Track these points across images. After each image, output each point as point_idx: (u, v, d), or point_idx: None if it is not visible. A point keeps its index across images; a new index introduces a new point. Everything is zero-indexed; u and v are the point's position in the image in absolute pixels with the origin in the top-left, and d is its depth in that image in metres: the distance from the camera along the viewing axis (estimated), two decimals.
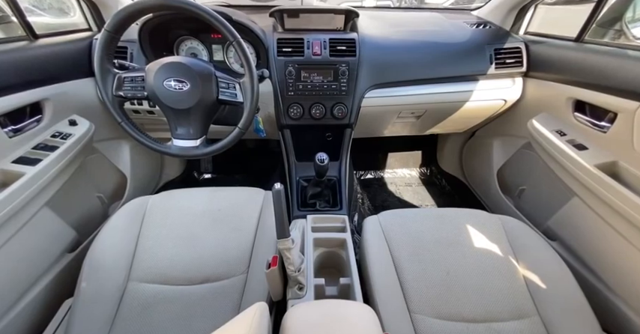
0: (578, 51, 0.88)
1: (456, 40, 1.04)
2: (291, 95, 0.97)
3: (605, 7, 0.84)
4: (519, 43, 1.03)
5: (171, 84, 0.68)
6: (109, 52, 0.68)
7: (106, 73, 0.69)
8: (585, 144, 0.82)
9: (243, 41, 0.68)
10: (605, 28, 0.89)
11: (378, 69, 0.99)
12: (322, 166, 0.82)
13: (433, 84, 1.02)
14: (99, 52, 0.67)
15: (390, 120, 1.18)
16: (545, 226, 0.96)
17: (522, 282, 0.66)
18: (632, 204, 0.66)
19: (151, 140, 0.74)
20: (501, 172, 1.23)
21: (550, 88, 0.96)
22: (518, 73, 1.04)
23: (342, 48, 0.95)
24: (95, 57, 0.67)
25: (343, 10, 0.97)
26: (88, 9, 1.00)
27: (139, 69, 0.71)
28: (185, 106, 0.69)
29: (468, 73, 1.02)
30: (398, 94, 1.02)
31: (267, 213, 0.81)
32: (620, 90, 0.73)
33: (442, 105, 1.08)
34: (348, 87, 0.96)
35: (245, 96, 0.72)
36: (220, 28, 0.66)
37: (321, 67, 0.95)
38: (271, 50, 0.94)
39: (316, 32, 0.98)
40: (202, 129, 0.74)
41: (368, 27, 1.05)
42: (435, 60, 1.01)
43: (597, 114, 0.82)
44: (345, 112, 0.98)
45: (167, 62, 0.68)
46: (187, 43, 0.98)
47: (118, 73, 0.70)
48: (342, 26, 1.02)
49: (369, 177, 1.71)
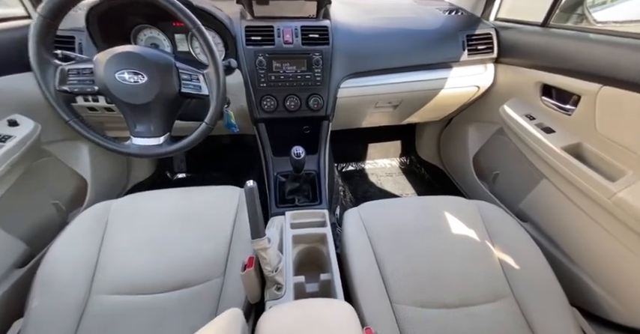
0: (544, 36, 0.90)
1: (430, 26, 1.03)
2: (264, 87, 0.92)
3: None
4: (490, 29, 1.04)
5: (124, 76, 0.61)
6: (45, 41, 0.60)
7: (44, 64, 0.61)
8: (552, 128, 0.85)
9: (208, 30, 0.63)
10: (569, 13, 0.91)
11: (352, 57, 0.96)
12: (299, 160, 0.80)
13: (408, 73, 1.01)
14: (33, 41, 0.59)
15: (367, 111, 1.17)
16: (518, 208, 0.99)
17: (498, 265, 0.68)
18: (594, 183, 0.69)
19: (107, 139, 0.67)
20: (477, 158, 1.26)
21: (519, 73, 0.98)
22: (489, 59, 1.05)
23: (315, 36, 0.91)
24: (30, 46, 0.59)
25: None
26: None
27: (86, 60, 0.64)
28: (143, 101, 0.63)
29: (442, 60, 1.02)
30: (374, 83, 1.01)
31: (244, 212, 0.77)
32: (582, 73, 0.75)
33: (418, 94, 1.07)
34: (323, 78, 0.93)
35: (210, 88, 0.67)
36: (177, 14, 0.60)
37: (293, 56, 0.91)
38: (239, 39, 0.89)
39: (287, 20, 0.93)
40: (165, 125, 0.68)
41: (341, 14, 1.02)
42: (409, 47, 1.00)
43: (563, 98, 0.85)
44: (321, 104, 0.95)
45: (119, 52, 0.61)
46: (146, 33, 0.89)
47: (60, 65, 0.62)
48: (314, 13, 0.97)
49: (350, 169, 1.71)
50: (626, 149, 0.67)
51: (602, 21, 0.86)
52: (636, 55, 0.64)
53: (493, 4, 1.09)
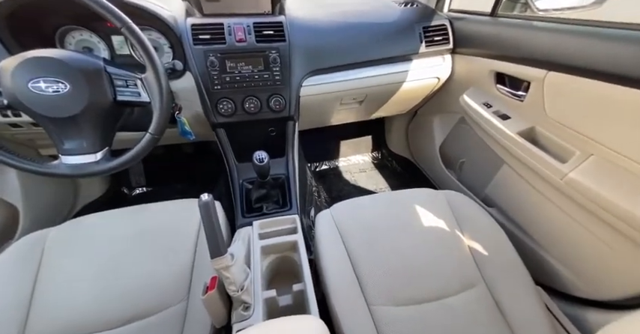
0: (493, 25, 0.93)
1: (387, 19, 1.03)
2: (218, 89, 0.86)
3: None
4: (444, 21, 1.05)
5: (40, 86, 0.53)
6: None
7: None
8: (508, 114, 0.88)
9: (150, 30, 0.56)
10: (514, 2, 0.95)
11: (312, 54, 0.92)
12: (262, 166, 0.75)
13: (370, 67, 1.00)
14: None
15: (333, 108, 1.14)
16: (484, 194, 1.03)
17: (468, 253, 0.69)
18: (547, 165, 0.72)
19: (26, 160, 0.58)
20: (443, 148, 1.29)
21: (475, 63, 1.01)
22: (446, 50, 1.07)
23: (270, 32, 0.87)
24: None
25: None
26: None
27: None
28: (68, 113, 0.55)
29: (402, 53, 1.01)
30: (336, 80, 0.98)
31: None
32: (529, 59, 0.78)
33: (381, 88, 1.07)
34: (283, 76, 0.89)
35: (151, 94, 0.60)
36: (99, 11, 0.53)
37: (248, 55, 0.86)
38: (185, 38, 0.81)
39: (238, 16, 0.87)
40: (102, 139, 0.60)
41: (296, 9, 0.98)
42: (368, 41, 0.98)
43: (515, 85, 0.88)
44: (283, 104, 0.91)
45: (30, 57, 0.53)
46: (75, 35, 0.79)
47: None
48: (269, 9, 0.92)
49: (323, 168, 1.69)
50: (573, 130, 0.70)
51: (543, 9, 0.90)
52: (576, 41, 0.67)
53: None
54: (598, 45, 0.62)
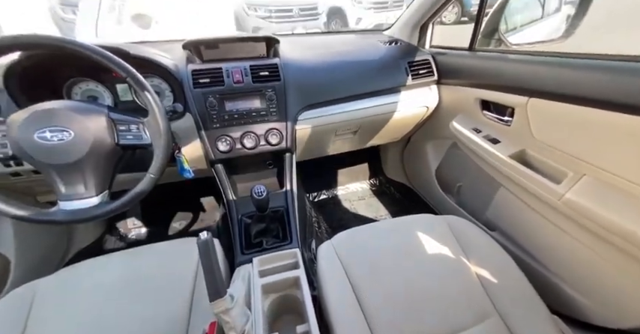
0: (472, 58, 1.00)
1: (374, 57, 1.11)
2: (217, 127, 0.90)
3: (483, 22, 0.98)
4: (427, 56, 1.14)
5: (46, 136, 0.55)
6: None
7: None
8: (498, 138, 0.91)
9: (152, 76, 0.60)
10: (489, 38, 1.04)
11: (305, 90, 0.98)
12: (261, 199, 0.76)
13: (361, 100, 1.06)
14: None
15: (329, 139, 1.18)
16: (485, 218, 1.02)
17: (476, 280, 0.66)
18: (543, 186, 0.73)
19: (22, 208, 0.57)
20: (439, 173, 1.31)
21: (460, 92, 1.07)
22: (431, 81, 1.14)
23: (265, 73, 0.93)
24: None
25: (263, 37, 0.96)
26: None
27: None
28: (72, 159, 0.57)
29: (390, 85, 1.08)
30: (330, 113, 1.03)
31: None
32: (510, 87, 0.83)
33: (374, 118, 1.11)
34: (279, 112, 0.93)
35: (153, 136, 0.63)
36: (107, 64, 0.57)
37: (245, 94, 0.91)
38: (186, 83, 0.87)
39: (236, 60, 0.94)
40: (102, 182, 0.61)
41: (289, 52, 1.05)
42: (358, 76, 1.05)
43: (500, 111, 0.92)
44: (280, 138, 0.94)
45: (37, 110, 0.56)
46: (82, 86, 0.84)
47: None
48: (264, 53, 1.00)
49: (322, 198, 1.68)
50: (562, 152, 0.72)
51: (516, 43, 0.98)
52: (549, 69, 0.72)
53: (426, 35, 1.21)
54: (568, 72, 0.67)
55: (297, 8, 5.34)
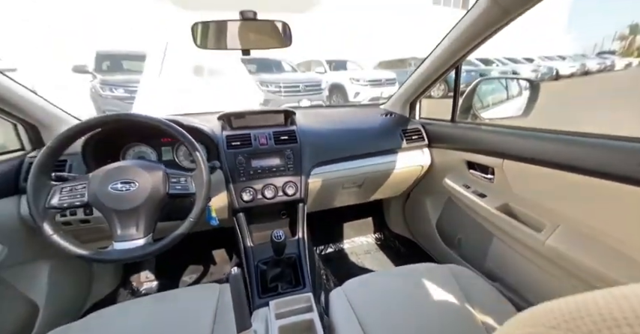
0: (454, 128, 1.23)
1: (374, 125, 1.35)
2: (243, 180, 1.05)
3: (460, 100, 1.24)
4: (418, 125, 1.38)
5: (117, 186, 0.69)
6: (47, 168, 0.69)
7: (41, 187, 0.68)
8: (484, 193, 1.05)
9: (195, 141, 0.78)
10: (466, 114, 1.29)
11: (317, 151, 1.17)
12: (280, 243, 0.85)
13: (365, 159, 1.24)
14: (37, 168, 0.67)
15: (337, 192, 1.32)
16: (486, 267, 1.07)
17: (481, 327, 0.70)
18: (527, 235, 0.83)
19: (88, 249, 0.68)
20: (439, 226, 1.40)
21: (449, 154, 1.26)
22: (423, 145, 1.35)
23: (285, 137, 1.13)
24: (32, 173, 0.66)
25: (282, 110, 1.20)
26: (25, 131, 1.00)
27: (80, 178, 0.72)
28: (132, 205, 0.69)
29: (388, 148, 1.28)
30: (338, 169, 1.20)
31: (224, 310, 0.74)
32: (487, 151, 1.02)
33: (376, 174, 1.28)
34: (295, 168, 1.10)
35: (197, 187, 0.77)
36: (176, 136, 0.76)
37: (268, 154, 1.10)
38: (221, 145, 1.06)
39: (261, 128, 1.16)
40: (149, 226, 0.72)
41: (303, 120, 1.30)
42: (360, 139, 1.26)
43: (483, 169, 1.09)
44: (295, 189, 1.09)
45: (114, 167, 0.72)
46: (135, 149, 1.04)
47: (55, 185, 0.70)
48: (282, 122, 1.23)
49: (329, 251, 1.72)
50: (537, 204, 0.85)
51: (488, 118, 1.23)
52: (516, 139, 0.91)
53: (416, 109, 1.48)
54: (531, 141, 0.86)
55: (303, 84, 6.26)
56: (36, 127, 0.98)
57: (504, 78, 1.40)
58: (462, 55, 1.01)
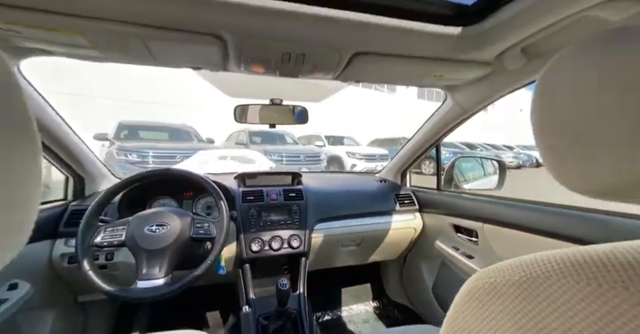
0: (440, 195, 1.42)
1: (371, 188, 1.54)
2: (254, 231, 1.15)
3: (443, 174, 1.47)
4: (409, 191, 1.57)
5: (152, 228, 0.82)
6: (97, 213, 0.84)
7: (90, 227, 0.81)
8: (471, 254, 1.15)
9: None
10: (449, 184, 1.50)
11: (321, 208, 1.32)
12: (284, 291, 0.90)
13: (362, 218, 1.38)
14: (92, 211, 0.82)
15: (337, 249, 1.39)
16: None
17: None
18: None
19: (115, 287, 0.75)
20: (435, 290, 1.41)
21: (438, 219, 1.40)
22: (414, 209, 1.51)
23: (293, 195, 1.30)
24: (86, 215, 0.81)
25: (290, 172, 1.41)
26: (73, 183, 1.14)
27: (121, 221, 0.85)
28: (161, 246, 0.80)
29: (384, 209, 1.43)
30: (339, 226, 1.32)
31: None
32: (469, 217, 1.17)
33: (373, 233, 1.38)
34: (300, 222, 1.22)
35: (218, 231, 0.89)
36: (206, 186, 0.93)
37: (277, 208, 1.24)
38: (237, 199, 1.21)
39: (272, 186, 1.34)
40: (170, 268, 0.80)
41: (308, 182, 1.48)
42: (358, 200, 1.42)
43: (469, 233, 1.21)
44: (300, 242, 1.18)
45: (152, 211, 0.86)
46: (160, 201, 1.19)
47: (100, 225, 0.83)
48: (290, 183, 1.42)
49: (327, 319, 1.63)
50: None
51: (468, 188, 1.44)
52: (492, 206, 1.09)
53: (406, 178, 1.70)
54: (504, 208, 1.03)
55: (303, 155, 6.83)
56: (83, 180, 1.15)
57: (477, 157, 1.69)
58: (439, 137, 1.30)
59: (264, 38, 0.64)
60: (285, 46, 0.68)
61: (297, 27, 0.61)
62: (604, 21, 0.54)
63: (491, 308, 0.28)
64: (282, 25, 0.60)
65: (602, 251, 0.24)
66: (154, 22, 0.58)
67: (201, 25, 0.60)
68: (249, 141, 7.19)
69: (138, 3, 0.53)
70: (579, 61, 0.27)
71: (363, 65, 0.77)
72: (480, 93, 0.98)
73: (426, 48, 0.71)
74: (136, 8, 0.54)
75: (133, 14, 0.56)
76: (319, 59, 0.73)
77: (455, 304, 0.33)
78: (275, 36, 0.64)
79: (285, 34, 0.63)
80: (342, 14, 0.59)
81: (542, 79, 0.30)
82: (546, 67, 0.29)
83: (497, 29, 0.64)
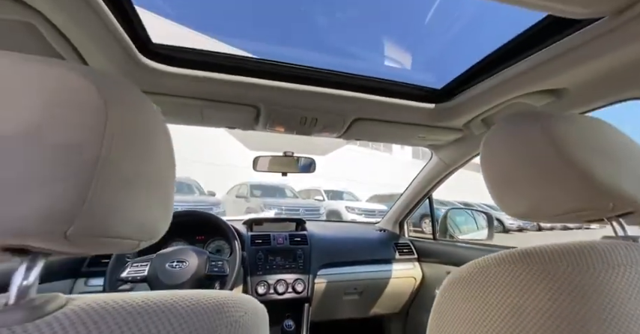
0: (436, 245, 1.50)
1: (370, 236, 1.62)
2: (260, 274, 1.20)
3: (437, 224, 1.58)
4: (407, 241, 1.64)
5: (173, 264, 0.90)
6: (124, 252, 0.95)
7: (120, 262, 0.91)
8: None
9: None
10: (444, 234, 1.59)
11: (324, 253, 1.38)
12: (291, 332, 0.91)
13: (364, 265, 1.42)
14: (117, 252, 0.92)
15: (339, 298, 1.39)
16: None
17: None
18: None
19: None
20: None
21: (435, 267, 1.45)
22: (413, 258, 1.56)
23: (298, 239, 1.38)
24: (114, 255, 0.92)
25: (295, 219, 1.52)
26: None
27: (145, 258, 0.94)
28: (179, 282, 0.87)
29: (384, 257, 1.49)
30: (341, 273, 1.36)
31: None
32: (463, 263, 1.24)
33: (374, 282, 1.41)
34: (305, 266, 1.28)
35: (231, 269, 0.97)
36: (224, 228, 1.05)
37: (283, 252, 1.31)
38: (246, 242, 1.30)
39: (278, 232, 1.43)
40: None
41: (312, 229, 1.58)
42: (360, 247, 1.49)
43: None
44: (303, 286, 1.21)
45: (174, 249, 0.96)
46: (173, 244, 1.28)
47: (128, 260, 0.92)
48: (294, 229, 1.52)
49: None
50: None
51: (462, 238, 1.53)
52: (484, 254, 1.17)
53: (404, 228, 1.79)
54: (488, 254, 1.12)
55: (303, 208, 6.89)
56: None
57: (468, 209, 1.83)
58: (429, 189, 1.46)
59: (289, 107, 0.87)
60: (303, 113, 0.90)
61: (314, 101, 0.84)
62: (530, 105, 0.77)
63: (469, 293, 0.39)
64: (302, 99, 0.84)
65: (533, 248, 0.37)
66: (212, 97, 0.81)
67: (244, 99, 0.83)
68: (249, 194, 7.33)
69: (202, 85, 0.76)
70: (504, 132, 0.45)
71: (361, 128, 0.99)
72: (459, 151, 1.19)
73: (409, 117, 0.94)
74: (200, 87, 0.77)
75: (197, 92, 0.79)
76: (328, 122, 0.95)
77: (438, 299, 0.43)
78: (296, 106, 0.87)
79: (304, 105, 0.86)
80: (345, 93, 0.83)
81: (484, 143, 0.48)
82: (486, 136, 0.48)
83: (459, 106, 0.88)
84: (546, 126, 0.39)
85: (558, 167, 0.38)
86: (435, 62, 1.15)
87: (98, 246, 0.25)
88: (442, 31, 1.09)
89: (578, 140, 0.39)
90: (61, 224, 0.21)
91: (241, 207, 7.14)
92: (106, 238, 0.25)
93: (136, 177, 0.26)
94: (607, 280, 0.31)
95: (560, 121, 0.40)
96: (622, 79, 0.62)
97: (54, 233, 0.21)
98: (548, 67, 0.63)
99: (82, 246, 0.24)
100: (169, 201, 0.33)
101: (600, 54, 0.55)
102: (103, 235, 0.24)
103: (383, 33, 1.23)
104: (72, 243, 0.23)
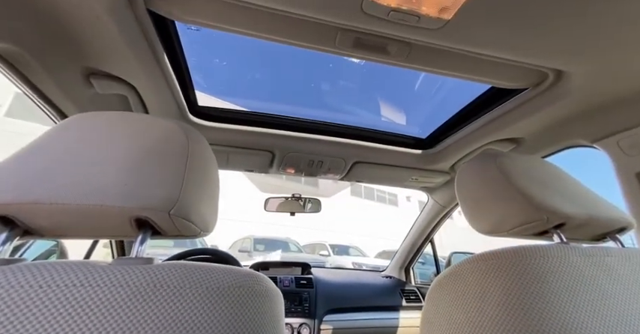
0: None
1: (377, 283, 1.60)
2: None
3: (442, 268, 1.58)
4: (414, 288, 1.61)
5: None
6: None
7: None
8: None
9: None
10: None
11: (330, 298, 1.37)
12: None
13: (370, 312, 1.39)
14: None
15: None
16: None
17: None
18: None
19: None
20: None
21: None
22: (421, 306, 1.50)
23: (304, 282, 1.40)
24: None
25: (301, 263, 1.55)
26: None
27: None
28: None
29: (391, 304, 1.45)
30: (349, 319, 1.33)
31: None
32: None
33: (382, 330, 1.35)
34: (310, 310, 1.26)
35: None
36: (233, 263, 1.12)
37: (289, 294, 1.31)
38: None
39: (285, 274, 1.46)
40: None
41: (318, 274, 1.58)
42: (366, 294, 1.47)
43: None
44: (309, 332, 1.18)
45: None
46: None
47: None
48: (300, 273, 1.53)
49: None
50: None
51: None
52: None
53: (410, 275, 1.77)
54: None
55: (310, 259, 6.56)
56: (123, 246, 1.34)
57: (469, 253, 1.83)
58: (429, 232, 1.52)
59: (299, 152, 1.05)
60: (311, 157, 1.07)
61: (320, 146, 1.03)
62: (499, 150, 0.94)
63: (450, 293, 0.47)
64: (311, 145, 1.02)
65: None
66: (237, 144, 1.00)
67: (262, 145, 1.02)
68: (252, 249, 7.09)
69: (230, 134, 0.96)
70: (472, 167, 0.60)
71: (360, 170, 1.15)
72: (451, 193, 1.31)
73: (401, 161, 1.11)
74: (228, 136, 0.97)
75: (226, 140, 0.99)
76: (332, 165, 1.12)
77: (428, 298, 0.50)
78: (306, 151, 1.05)
79: (312, 150, 1.05)
80: (346, 141, 1.02)
81: (458, 175, 0.62)
82: (459, 169, 0.62)
83: (442, 152, 1.05)
84: (499, 163, 0.54)
85: (508, 192, 0.51)
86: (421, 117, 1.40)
87: (183, 228, 0.38)
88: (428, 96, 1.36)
89: (521, 172, 0.53)
90: (168, 205, 0.35)
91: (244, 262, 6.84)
92: (187, 221, 0.37)
93: (203, 183, 0.41)
94: (544, 270, 0.41)
95: (509, 159, 0.55)
96: (561, 132, 0.80)
97: (164, 210, 0.34)
98: (504, 120, 0.82)
99: (176, 224, 0.36)
100: (217, 204, 0.46)
101: (533, 113, 0.74)
102: (186, 218, 0.37)
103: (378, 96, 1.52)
104: (172, 221, 0.35)
